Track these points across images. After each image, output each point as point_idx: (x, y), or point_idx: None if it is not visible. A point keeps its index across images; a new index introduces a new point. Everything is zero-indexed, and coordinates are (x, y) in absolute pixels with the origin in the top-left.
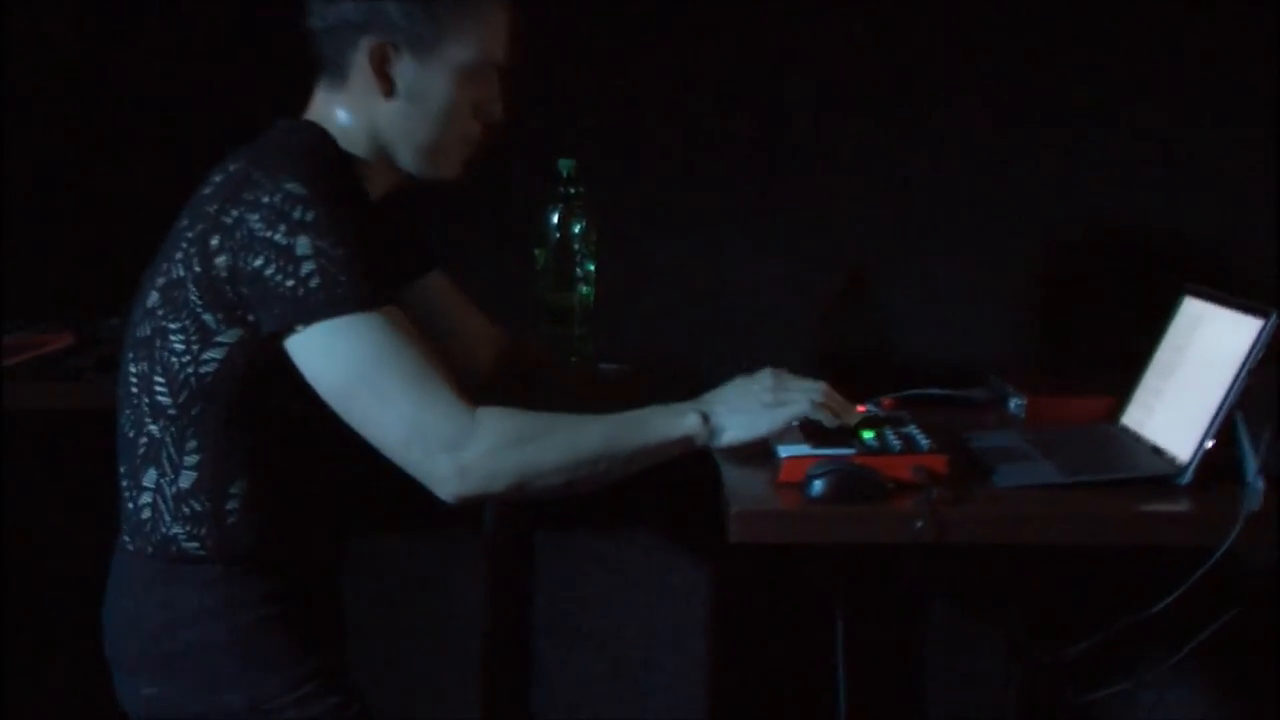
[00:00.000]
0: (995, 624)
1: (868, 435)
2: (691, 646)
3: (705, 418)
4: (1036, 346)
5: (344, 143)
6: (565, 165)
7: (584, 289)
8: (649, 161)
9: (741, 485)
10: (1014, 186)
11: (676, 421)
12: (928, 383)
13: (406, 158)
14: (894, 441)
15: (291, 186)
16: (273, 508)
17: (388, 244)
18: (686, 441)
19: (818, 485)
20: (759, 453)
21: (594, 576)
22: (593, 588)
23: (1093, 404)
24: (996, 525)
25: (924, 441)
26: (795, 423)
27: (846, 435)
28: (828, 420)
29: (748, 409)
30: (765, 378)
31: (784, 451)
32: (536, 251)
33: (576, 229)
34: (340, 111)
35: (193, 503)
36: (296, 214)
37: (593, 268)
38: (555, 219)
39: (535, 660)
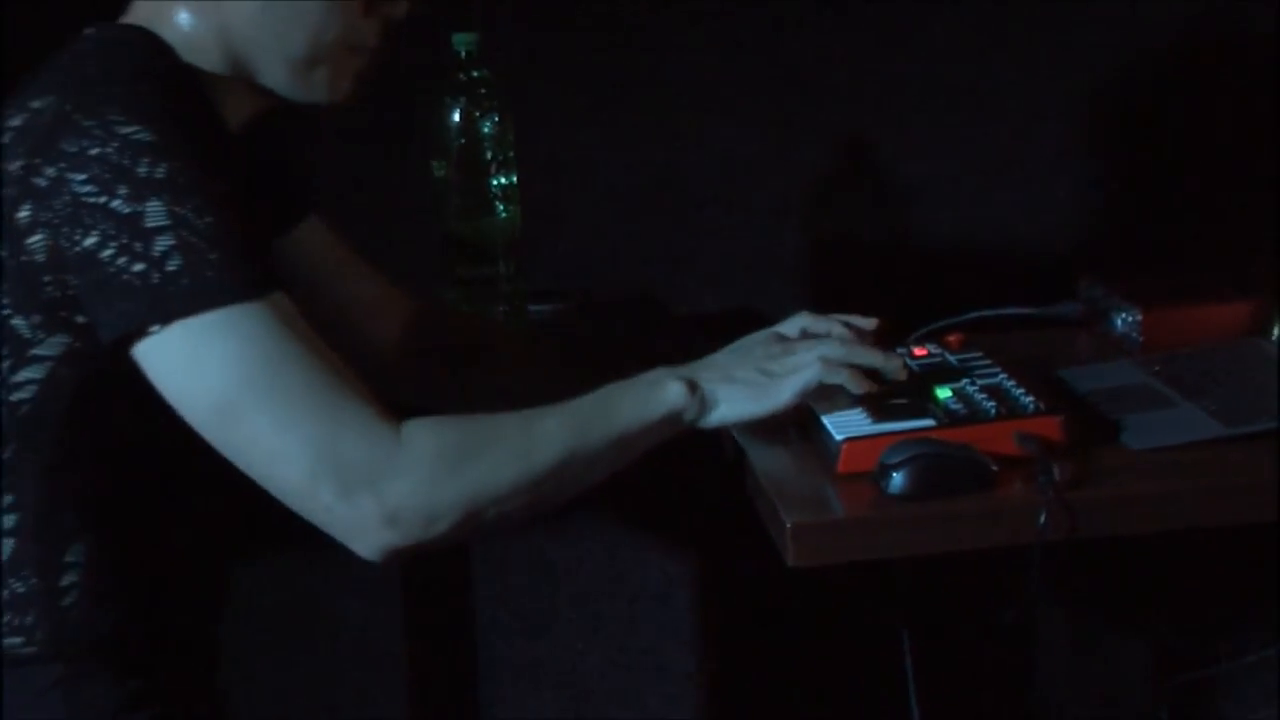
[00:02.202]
0: (1135, 630)
1: (944, 395)
2: (676, 670)
3: (692, 386)
4: (1131, 233)
5: (187, 54)
6: (463, 41)
7: (504, 209)
8: (577, 27)
9: (785, 478)
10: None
11: (655, 395)
12: (987, 297)
13: (274, 73)
14: (984, 402)
15: (130, 130)
16: (127, 579)
17: (256, 192)
18: (672, 419)
19: (898, 478)
20: (785, 423)
21: (546, 592)
22: (545, 606)
23: (1232, 312)
24: (1143, 508)
25: (1026, 399)
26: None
27: (916, 396)
28: (852, 385)
29: (747, 378)
30: (769, 341)
31: (839, 430)
32: (434, 165)
33: (486, 128)
34: (178, 10)
35: (12, 582)
36: (142, 169)
37: (513, 179)
38: (456, 117)
39: (478, 707)
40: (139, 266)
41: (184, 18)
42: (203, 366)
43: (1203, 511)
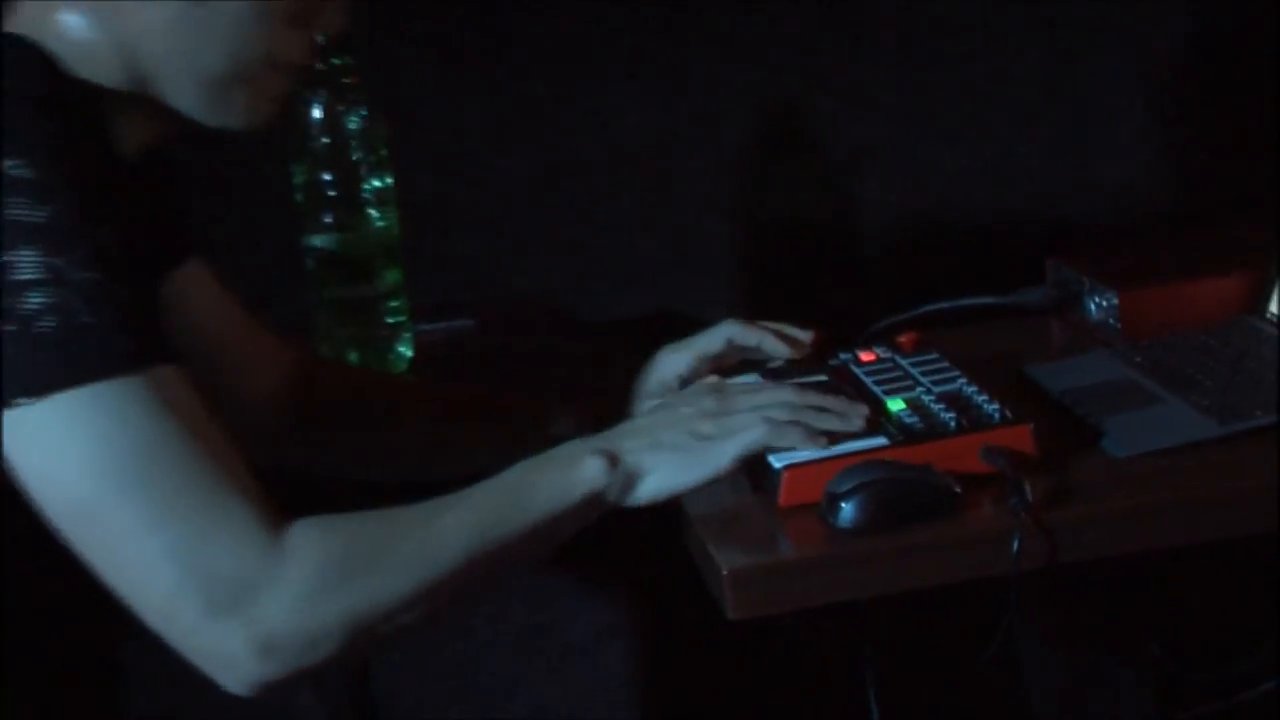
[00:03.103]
0: (1132, 661)
1: (897, 407)
2: None
3: (613, 459)
4: (1100, 203)
5: (78, 66)
6: None
7: (379, 216)
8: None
9: (720, 518)
10: None
11: (571, 476)
12: (943, 286)
13: (185, 93)
14: (943, 413)
15: (7, 164)
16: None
17: (142, 232)
18: (592, 502)
19: (848, 509)
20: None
21: (459, 648)
22: (458, 664)
23: (1220, 287)
24: (1132, 524)
25: (991, 407)
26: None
27: (868, 413)
28: (806, 447)
29: (677, 443)
30: (701, 394)
31: (779, 457)
32: (294, 169)
33: (353, 124)
34: (69, 15)
35: None
36: (17, 211)
37: (389, 180)
38: (317, 114)
39: None
40: (8, 326)
41: (76, 24)
42: (64, 450)
43: (1200, 524)
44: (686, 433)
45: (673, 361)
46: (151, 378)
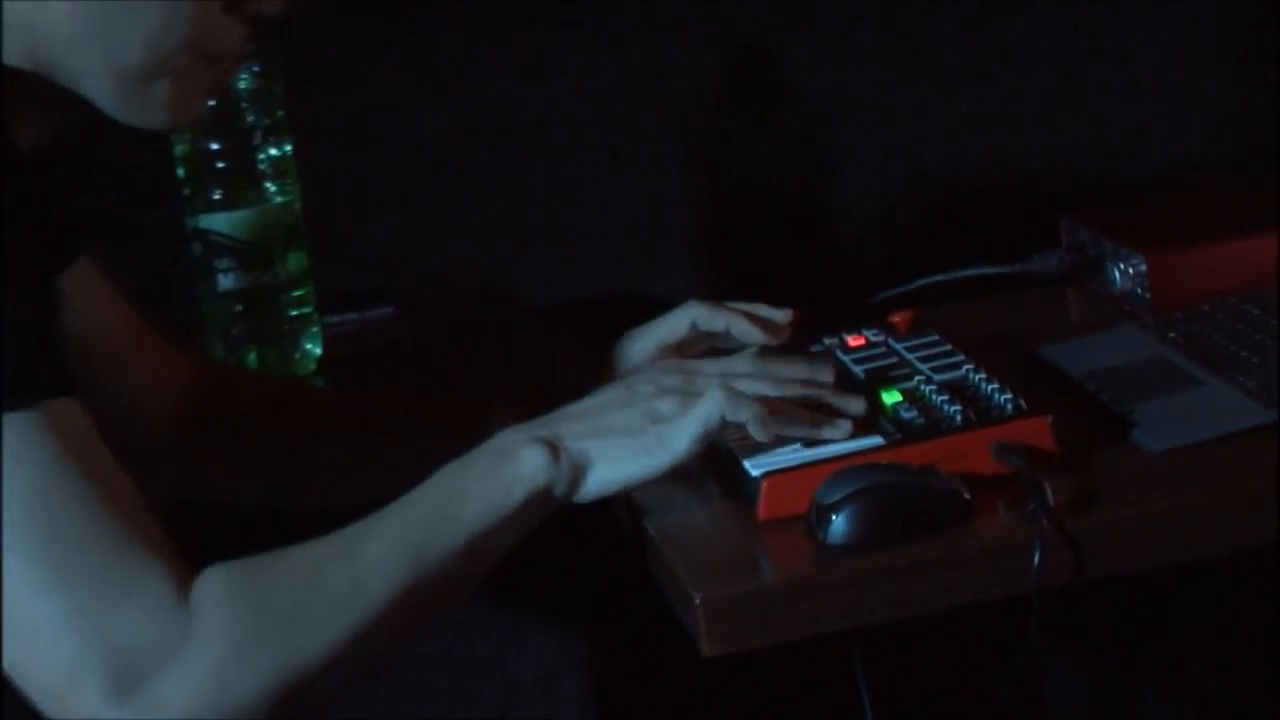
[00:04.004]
0: (1172, 686)
1: (893, 399)
2: None
3: (554, 449)
4: (1120, 153)
5: None
6: None
7: (277, 191)
8: None
9: (692, 539)
10: None
11: (507, 473)
12: (941, 255)
13: (98, 84)
14: (946, 405)
15: None
16: None
17: (35, 233)
18: (537, 500)
19: (840, 522)
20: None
21: (400, 685)
22: (398, 702)
23: (1264, 248)
24: (1170, 530)
25: (1003, 396)
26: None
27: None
28: (761, 431)
29: (627, 426)
30: (664, 371)
31: (757, 464)
32: (174, 139)
33: (243, 83)
34: None
35: None
36: None
37: (287, 148)
38: None
39: None
40: None
41: None
42: None
43: (1250, 528)
44: (639, 413)
45: (633, 352)
46: (46, 413)
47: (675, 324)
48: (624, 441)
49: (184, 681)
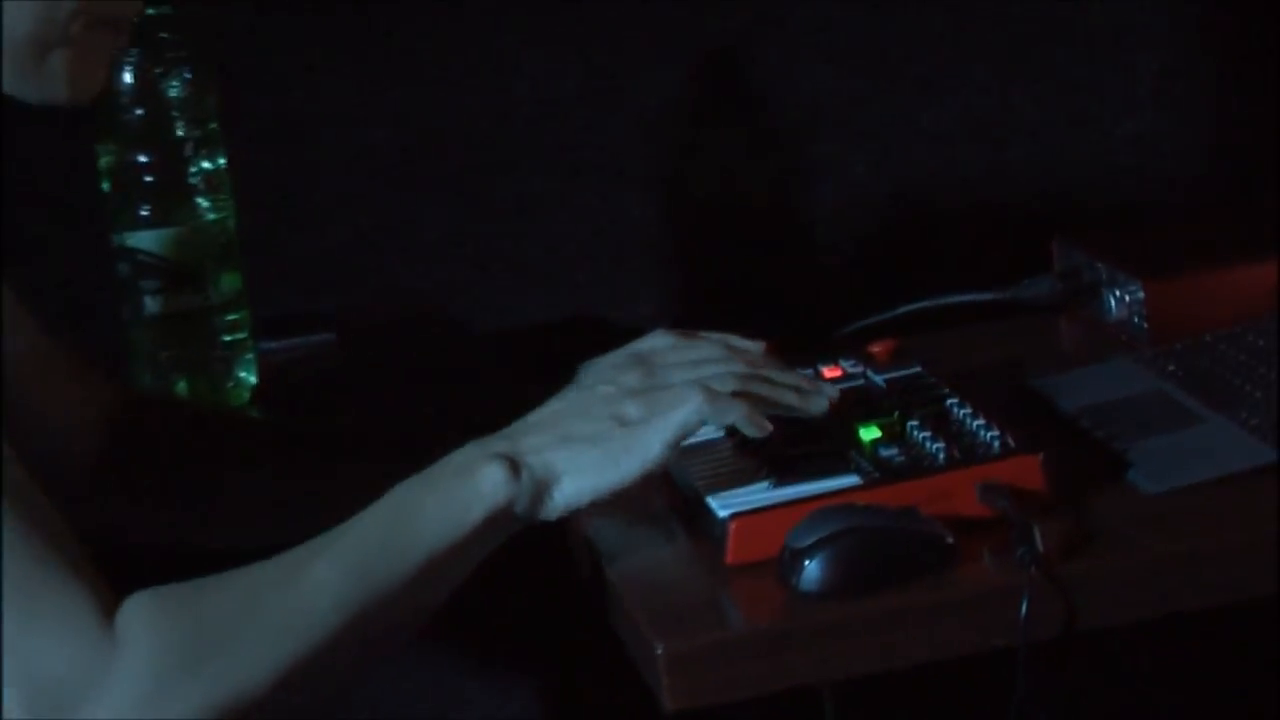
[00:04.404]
0: None
1: (871, 435)
2: None
3: (514, 464)
4: (1118, 171)
5: None
6: None
7: (210, 206)
8: None
9: (655, 586)
10: None
11: (465, 491)
12: (924, 280)
13: None
14: (929, 442)
15: None
16: None
17: None
18: (498, 519)
19: (814, 568)
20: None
21: None
22: None
23: (1269, 275)
24: (1170, 579)
25: (990, 434)
26: (694, 436)
27: (831, 441)
28: (750, 426)
29: (594, 433)
30: (623, 368)
31: (722, 504)
32: (99, 151)
33: (174, 91)
34: None
35: None
36: None
37: (221, 161)
38: (128, 78)
39: None
40: None
41: None
42: None
43: (1255, 576)
44: (605, 418)
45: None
46: None
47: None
48: (590, 450)
49: (108, 713)
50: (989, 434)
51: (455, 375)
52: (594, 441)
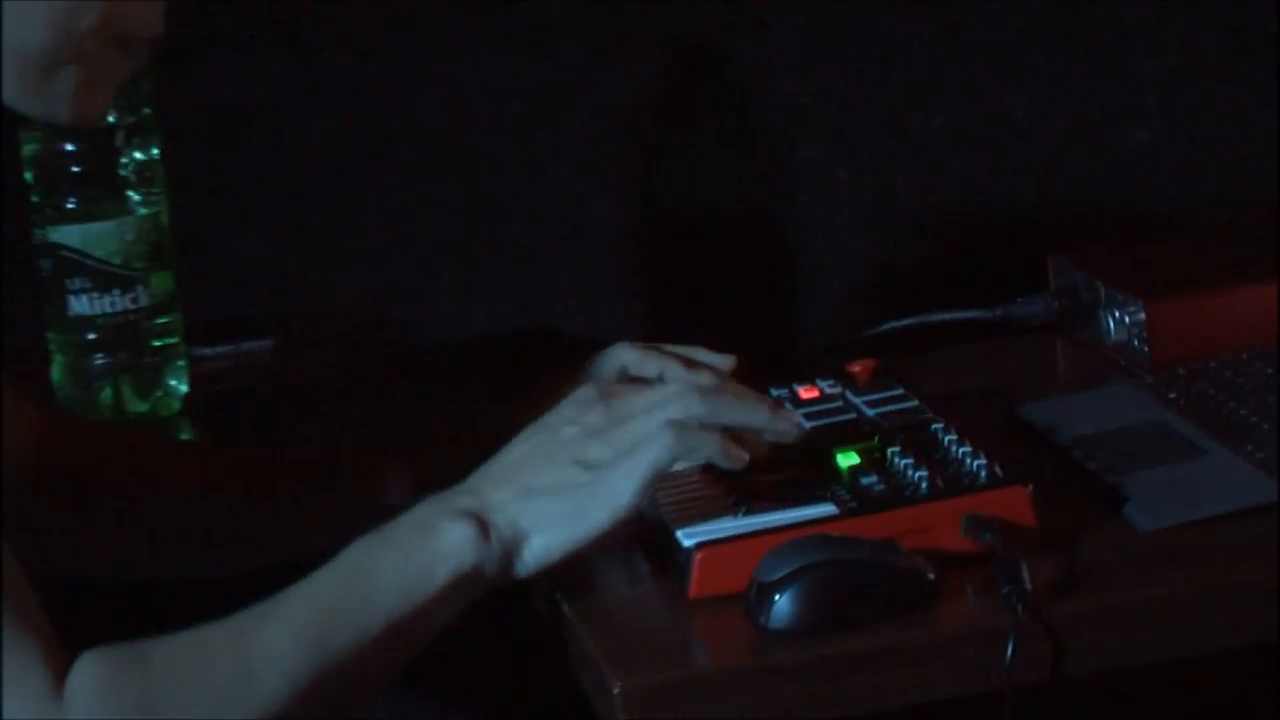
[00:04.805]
0: None
1: (849, 462)
2: None
3: (482, 523)
4: (1120, 184)
5: None
6: None
7: (142, 201)
8: None
9: (611, 613)
10: None
11: (427, 553)
12: (909, 295)
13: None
14: (911, 471)
15: None
16: None
17: None
18: (465, 582)
19: (784, 604)
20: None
21: None
22: None
23: (1272, 296)
24: (1166, 621)
25: (976, 462)
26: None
27: (806, 468)
28: (725, 459)
29: (559, 482)
30: (585, 405)
31: (688, 533)
32: (22, 137)
33: None
34: None
35: None
36: None
37: (155, 152)
38: None
39: None
40: None
41: None
42: None
43: (1258, 620)
44: (570, 464)
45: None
46: None
47: (601, 369)
48: (556, 502)
49: None
50: (976, 463)
51: (401, 389)
52: (559, 492)
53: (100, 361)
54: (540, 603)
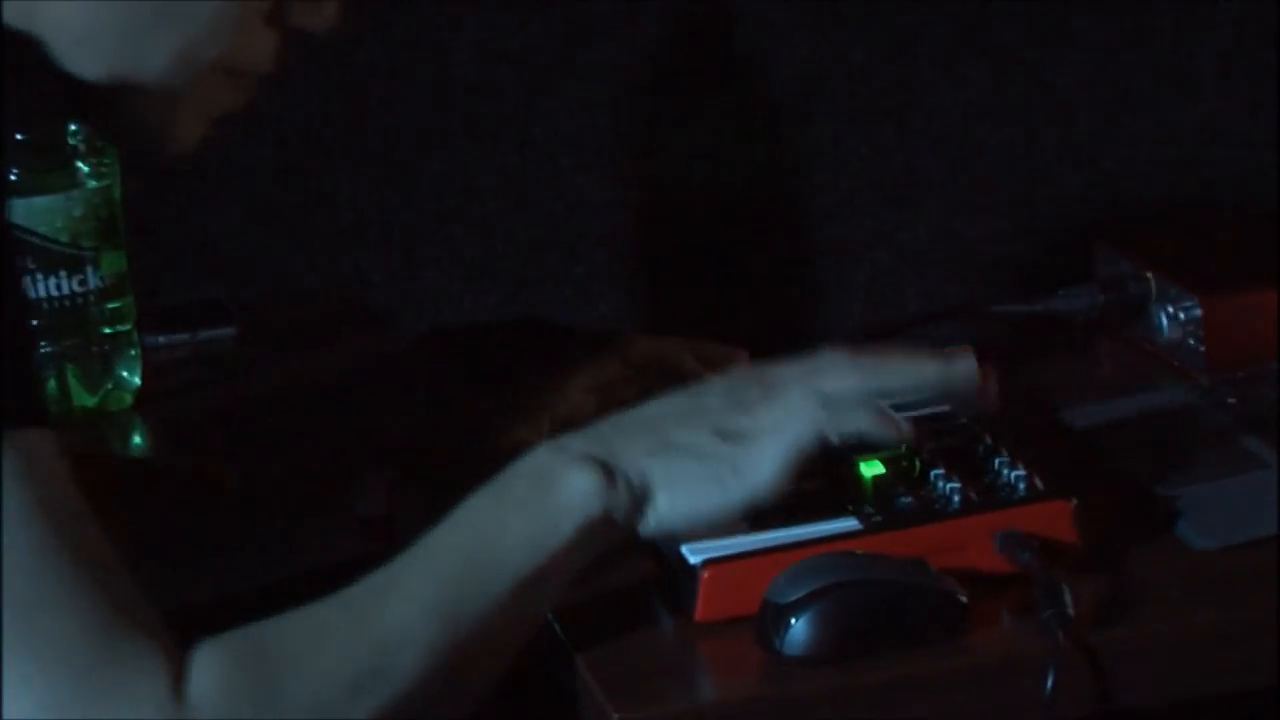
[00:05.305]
0: None
1: (873, 472)
2: None
3: (608, 469)
4: (1173, 165)
5: None
6: None
7: (91, 173)
8: None
9: (607, 635)
10: None
11: (553, 503)
12: (938, 286)
13: (102, 91)
14: (941, 482)
15: None
16: None
17: None
18: (596, 529)
19: (801, 628)
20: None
21: None
22: None
23: None
24: (1220, 650)
25: (1013, 473)
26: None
27: (825, 478)
28: (885, 429)
29: (698, 447)
30: (737, 377)
31: (694, 549)
32: None
33: None
34: None
35: None
36: None
37: None
38: None
39: None
40: None
41: None
42: None
43: None
44: (710, 430)
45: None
46: (15, 446)
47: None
48: (691, 465)
49: None
50: (1013, 474)
51: (378, 384)
52: (696, 455)
53: (44, 350)
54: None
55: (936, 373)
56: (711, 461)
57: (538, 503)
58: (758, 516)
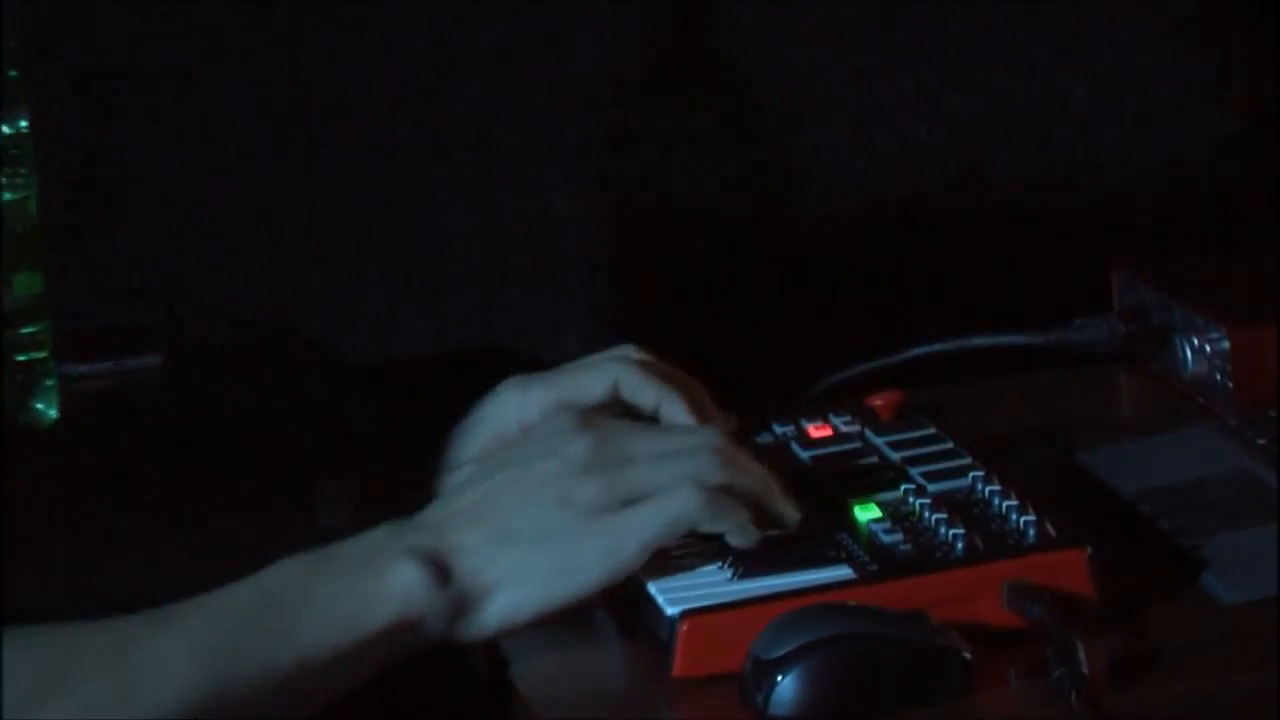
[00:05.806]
0: None
1: (868, 515)
2: None
3: (439, 567)
4: (1195, 180)
5: None
6: None
7: (5, 188)
8: None
9: (572, 691)
10: None
11: (368, 591)
12: (942, 315)
13: None
14: (943, 527)
15: None
16: None
17: None
18: (400, 632)
19: (789, 685)
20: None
21: None
22: None
23: None
24: (1251, 712)
25: (1023, 518)
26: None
27: (817, 523)
28: (742, 537)
29: (540, 527)
30: (569, 433)
31: (671, 598)
32: None
33: None
34: None
35: None
36: None
37: (23, 124)
38: None
39: None
40: None
41: None
42: None
43: None
44: (554, 504)
45: (518, 405)
46: None
47: (592, 380)
48: (537, 552)
49: None
50: (1023, 519)
51: (316, 417)
52: (543, 540)
53: None
54: (482, 666)
55: (776, 500)
56: (562, 542)
57: (354, 586)
58: (742, 564)
